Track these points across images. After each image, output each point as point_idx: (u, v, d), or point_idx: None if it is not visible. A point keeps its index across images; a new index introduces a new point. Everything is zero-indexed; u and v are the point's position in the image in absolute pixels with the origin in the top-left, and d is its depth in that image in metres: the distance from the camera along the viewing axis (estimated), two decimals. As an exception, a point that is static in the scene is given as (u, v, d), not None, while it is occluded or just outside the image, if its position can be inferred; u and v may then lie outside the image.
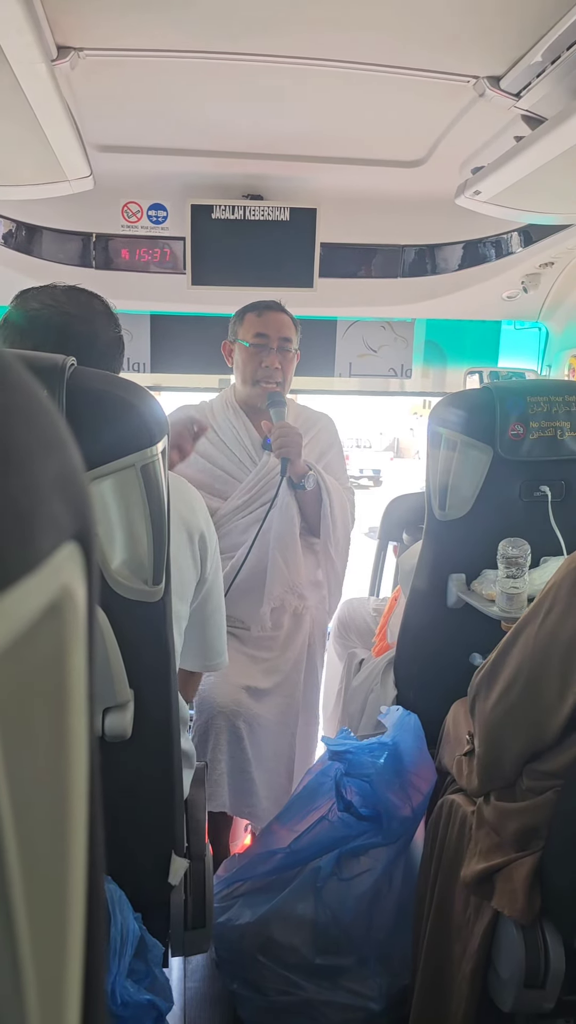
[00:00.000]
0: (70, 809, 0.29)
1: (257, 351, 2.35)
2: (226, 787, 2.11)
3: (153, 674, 1.20)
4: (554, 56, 1.58)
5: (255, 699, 2.22)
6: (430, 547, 1.90)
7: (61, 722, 0.27)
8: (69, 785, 0.28)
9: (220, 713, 2.12)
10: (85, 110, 1.96)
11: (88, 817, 0.30)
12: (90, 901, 0.31)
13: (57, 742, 0.27)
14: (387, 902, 1.72)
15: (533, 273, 2.76)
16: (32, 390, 0.27)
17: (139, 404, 1.06)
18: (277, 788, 2.24)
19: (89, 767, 0.30)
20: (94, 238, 2.67)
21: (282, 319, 2.39)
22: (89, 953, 0.31)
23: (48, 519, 0.25)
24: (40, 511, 0.25)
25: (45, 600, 0.25)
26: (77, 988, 0.31)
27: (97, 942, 0.33)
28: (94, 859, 0.31)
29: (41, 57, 1.34)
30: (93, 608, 0.30)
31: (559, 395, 1.80)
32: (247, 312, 2.40)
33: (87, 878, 0.31)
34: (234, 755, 2.14)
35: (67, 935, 0.29)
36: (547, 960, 1.27)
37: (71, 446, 0.28)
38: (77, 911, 0.30)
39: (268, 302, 2.41)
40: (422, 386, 3.17)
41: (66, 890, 0.29)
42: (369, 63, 1.72)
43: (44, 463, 0.26)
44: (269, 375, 2.35)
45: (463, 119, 2.00)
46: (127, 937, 1.19)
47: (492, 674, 1.36)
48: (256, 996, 1.73)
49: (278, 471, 2.29)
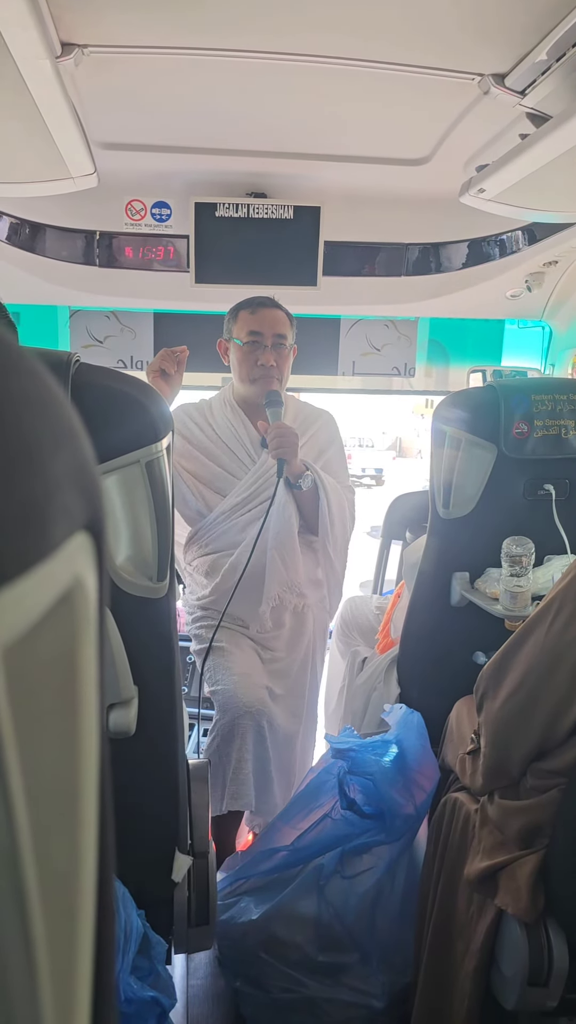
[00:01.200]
0: (81, 800, 0.29)
1: (252, 349, 2.33)
2: (252, 786, 2.13)
3: (157, 670, 1.20)
4: (559, 53, 1.57)
5: (272, 700, 2.24)
6: (434, 545, 1.89)
7: (73, 712, 0.27)
8: (80, 776, 0.28)
9: (247, 713, 2.12)
10: (89, 107, 1.96)
11: (99, 809, 0.30)
12: (100, 893, 0.31)
13: (69, 733, 0.27)
14: (390, 900, 1.72)
15: (537, 272, 2.76)
16: (45, 380, 0.27)
17: (144, 400, 1.06)
18: (286, 787, 2.25)
19: (100, 759, 0.30)
20: (98, 236, 2.67)
21: (276, 315, 2.35)
22: (99, 946, 0.31)
23: (61, 508, 0.25)
24: (53, 500, 0.25)
25: (58, 589, 0.25)
26: (87, 981, 0.30)
27: (107, 936, 0.33)
28: (104, 851, 0.31)
29: (45, 53, 1.34)
30: (104, 598, 0.30)
31: (563, 393, 1.79)
32: (240, 309, 2.37)
33: (98, 870, 0.30)
34: (258, 755, 2.15)
35: (78, 926, 0.29)
36: (551, 958, 1.27)
37: (83, 436, 0.28)
38: (87, 902, 0.30)
39: (261, 298, 2.38)
40: (425, 385, 3.17)
41: (77, 882, 0.29)
42: (373, 60, 1.72)
43: (57, 452, 0.26)
44: (265, 373, 2.33)
45: (468, 117, 2.00)
46: (130, 934, 1.19)
47: (499, 674, 1.36)
48: (259, 993, 1.73)
49: (276, 471, 2.29)
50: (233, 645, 2.29)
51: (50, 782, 0.26)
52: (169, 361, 2.26)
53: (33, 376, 0.26)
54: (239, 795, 2.10)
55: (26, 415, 0.25)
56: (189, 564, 2.45)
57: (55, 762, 0.27)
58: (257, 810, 2.18)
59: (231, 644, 2.29)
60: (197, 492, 2.35)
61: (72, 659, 0.27)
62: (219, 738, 2.13)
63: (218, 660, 2.24)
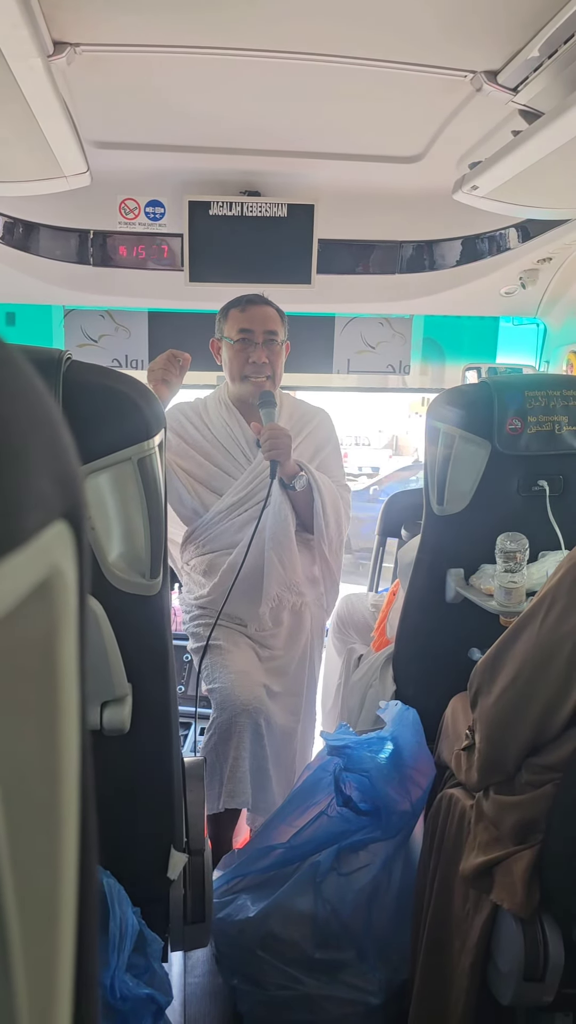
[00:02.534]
0: (61, 791, 0.29)
1: (243, 347, 2.33)
2: (249, 784, 2.13)
3: (151, 667, 1.20)
4: (551, 50, 1.57)
5: (269, 698, 2.24)
6: (428, 542, 1.90)
7: (51, 703, 0.27)
8: (60, 767, 0.28)
9: (244, 711, 2.12)
10: (82, 106, 1.95)
11: (80, 800, 0.30)
12: (82, 886, 0.31)
13: (49, 722, 0.27)
14: (386, 897, 1.72)
15: (531, 269, 2.76)
16: (20, 366, 0.27)
17: (136, 397, 1.06)
18: (286, 785, 2.25)
19: (81, 750, 0.30)
20: (92, 235, 2.66)
21: (266, 312, 2.35)
22: (81, 939, 0.31)
23: (35, 496, 0.25)
24: (26, 486, 0.25)
25: (33, 579, 0.25)
26: (68, 977, 0.30)
27: (89, 926, 0.32)
28: (86, 842, 0.31)
29: (37, 52, 1.34)
30: (84, 590, 0.30)
31: (557, 389, 1.79)
32: (231, 308, 2.37)
33: (79, 862, 0.30)
34: (255, 753, 2.15)
35: (58, 916, 0.29)
36: (546, 953, 1.27)
37: (61, 426, 0.28)
38: (68, 893, 0.30)
39: (251, 296, 2.38)
40: (420, 383, 3.17)
41: (57, 873, 0.29)
42: (366, 58, 1.72)
43: (30, 438, 0.25)
44: (257, 370, 2.33)
45: (460, 114, 2.00)
46: (126, 931, 1.19)
47: (494, 669, 1.36)
48: (256, 991, 1.73)
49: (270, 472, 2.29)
50: (231, 643, 2.29)
51: (27, 772, 0.26)
52: (173, 368, 2.26)
53: (5, 362, 0.26)
54: (236, 793, 2.11)
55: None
56: (187, 564, 2.45)
57: (33, 752, 0.27)
58: (254, 808, 2.18)
59: (228, 642, 2.29)
60: (193, 491, 2.35)
61: (51, 649, 0.27)
62: (216, 736, 2.13)
63: (215, 658, 2.25)
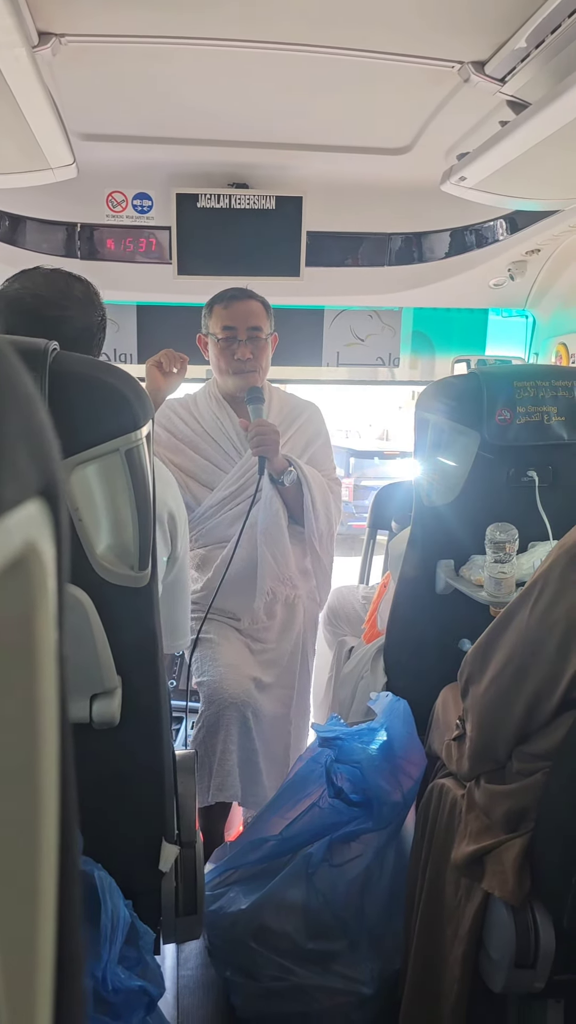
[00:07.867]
0: (38, 777, 0.28)
1: (227, 344, 2.33)
2: (237, 778, 2.12)
3: (141, 660, 1.19)
4: (538, 40, 1.57)
5: (260, 690, 2.23)
6: (418, 533, 1.90)
7: (27, 682, 0.27)
8: (37, 753, 0.28)
9: (232, 704, 2.12)
10: (67, 97, 1.94)
11: (60, 788, 0.30)
12: (63, 871, 0.30)
13: (22, 702, 0.27)
14: (378, 887, 1.73)
15: (519, 260, 2.76)
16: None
17: (123, 388, 1.05)
18: (278, 777, 2.25)
19: (60, 732, 0.30)
20: (79, 228, 2.65)
21: (250, 307, 2.34)
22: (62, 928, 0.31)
23: (9, 471, 0.25)
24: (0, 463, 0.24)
25: (6, 555, 0.25)
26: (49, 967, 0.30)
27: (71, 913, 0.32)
28: (67, 827, 0.31)
29: (21, 42, 1.33)
30: (64, 569, 0.30)
31: (545, 380, 1.80)
32: (215, 304, 2.37)
33: (59, 849, 0.30)
34: (244, 746, 2.15)
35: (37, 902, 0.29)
36: (537, 940, 1.28)
37: (38, 403, 0.28)
38: (47, 878, 0.29)
39: (234, 290, 2.37)
40: (410, 375, 3.17)
41: (35, 860, 0.29)
42: (353, 49, 1.71)
43: (3, 411, 0.25)
44: (242, 366, 2.33)
45: (448, 105, 2.00)
46: (117, 924, 1.19)
47: (484, 658, 1.37)
48: (249, 982, 1.74)
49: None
50: (221, 637, 2.29)
51: (3, 758, 0.26)
52: (174, 360, 2.27)
53: None
54: (224, 786, 2.10)
55: None
56: (180, 558, 2.44)
57: (10, 735, 0.26)
58: (244, 802, 2.17)
59: (219, 636, 2.29)
60: (184, 485, 2.35)
61: (27, 627, 0.27)
62: (204, 729, 2.13)
63: (205, 652, 2.24)
